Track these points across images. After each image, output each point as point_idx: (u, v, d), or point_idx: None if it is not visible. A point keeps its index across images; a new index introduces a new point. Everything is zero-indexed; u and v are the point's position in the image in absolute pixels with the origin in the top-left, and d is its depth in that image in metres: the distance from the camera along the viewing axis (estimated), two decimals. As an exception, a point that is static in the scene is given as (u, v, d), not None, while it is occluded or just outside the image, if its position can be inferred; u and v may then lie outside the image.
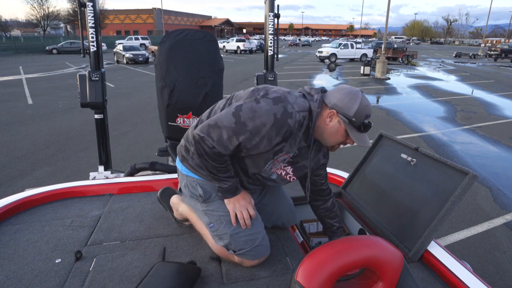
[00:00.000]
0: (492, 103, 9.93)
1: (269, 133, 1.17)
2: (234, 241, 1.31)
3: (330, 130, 1.26)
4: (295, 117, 1.18)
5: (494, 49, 32.74)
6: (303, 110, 1.22)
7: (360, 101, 1.22)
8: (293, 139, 1.26)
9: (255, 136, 1.18)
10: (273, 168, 1.34)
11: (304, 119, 1.23)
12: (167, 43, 2.17)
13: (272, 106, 1.17)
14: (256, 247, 1.32)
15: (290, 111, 1.18)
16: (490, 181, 4.46)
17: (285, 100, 1.19)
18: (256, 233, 1.35)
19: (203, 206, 1.39)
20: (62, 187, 1.86)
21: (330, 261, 0.85)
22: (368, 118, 1.24)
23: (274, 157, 1.29)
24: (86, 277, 1.23)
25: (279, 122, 1.16)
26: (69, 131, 6.29)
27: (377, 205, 1.66)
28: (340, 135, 1.27)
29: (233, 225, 1.34)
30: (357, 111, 1.21)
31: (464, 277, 1.18)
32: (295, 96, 1.24)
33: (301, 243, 1.64)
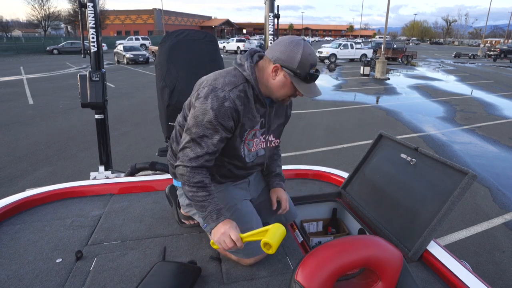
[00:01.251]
0: (491, 103, 9.93)
1: (219, 124, 1.21)
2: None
3: (277, 85, 1.25)
4: (230, 97, 1.20)
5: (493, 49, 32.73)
6: (237, 84, 1.24)
7: (302, 51, 1.19)
8: (249, 113, 1.27)
9: (212, 135, 1.22)
10: (251, 148, 1.35)
11: (243, 92, 1.24)
12: (168, 43, 2.17)
13: (206, 102, 1.20)
14: (248, 245, 1.29)
15: (222, 95, 1.20)
16: (489, 181, 4.46)
17: (213, 89, 1.21)
18: (248, 229, 1.32)
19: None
20: (62, 187, 1.86)
21: (330, 260, 0.85)
22: (313, 67, 1.22)
23: (242, 139, 1.31)
24: (86, 277, 1.24)
25: (219, 111, 1.19)
26: (69, 131, 6.29)
27: (377, 205, 1.66)
28: (287, 88, 1.26)
29: None
30: (301, 61, 1.19)
31: (463, 276, 1.18)
32: (223, 77, 1.25)
33: (301, 243, 1.64)
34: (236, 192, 1.45)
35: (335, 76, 15.98)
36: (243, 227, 1.33)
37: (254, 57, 1.31)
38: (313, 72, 1.22)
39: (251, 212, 1.42)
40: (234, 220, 1.32)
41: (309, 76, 1.22)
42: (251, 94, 1.26)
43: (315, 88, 1.26)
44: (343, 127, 6.93)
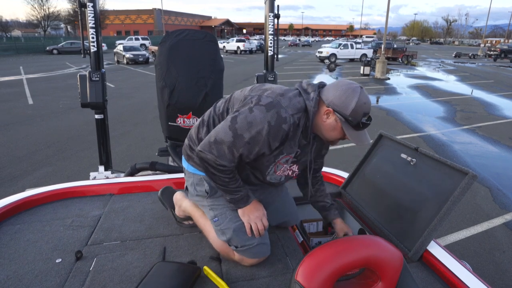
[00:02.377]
0: (491, 103, 9.93)
1: (266, 140, 1.19)
2: (237, 236, 1.32)
3: (327, 127, 1.26)
4: (289, 121, 1.19)
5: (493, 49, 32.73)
6: (298, 111, 1.22)
7: (357, 99, 1.19)
8: (292, 140, 1.26)
9: (254, 145, 1.20)
10: (278, 171, 1.35)
11: (299, 120, 1.23)
12: (168, 43, 2.17)
13: (266, 114, 1.17)
14: (258, 245, 1.32)
15: (284, 116, 1.18)
16: (489, 181, 4.46)
17: (277, 105, 1.19)
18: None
19: (209, 201, 1.41)
20: (62, 187, 1.86)
21: (330, 261, 0.85)
22: (366, 116, 1.22)
23: (276, 160, 1.30)
24: (86, 277, 1.24)
25: (274, 129, 1.17)
26: (69, 131, 6.29)
27: (377, 205, 1.66)
28: (337, 132, 1.27)
29: (238, 220, 1.35)
30: (354, 109, 1.19)
31: (463, 276, 1.18)
32: (289, 97, 1.24)
33: (301, 243, 1.64)
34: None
35: (335, 76, 15.99)
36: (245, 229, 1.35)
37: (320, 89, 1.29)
38: (365, 121, 1.22)
39: None
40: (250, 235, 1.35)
41: (361, 124, 1.22)
42: (302, 124, 1.25)
43: (364, 136, 1.26)
44: (343, 127, 6.92)
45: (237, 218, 1.36)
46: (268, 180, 1.38)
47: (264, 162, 1.30)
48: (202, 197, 1.42)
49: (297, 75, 15.47)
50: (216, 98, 2.24)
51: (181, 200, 1.58)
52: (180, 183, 1.97)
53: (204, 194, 1.40)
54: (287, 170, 1.38)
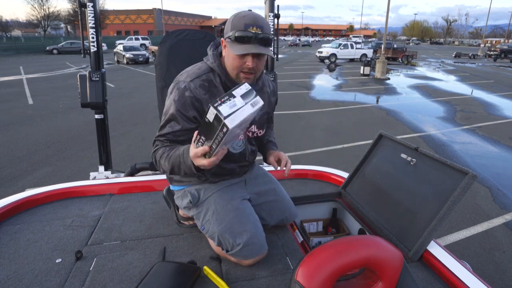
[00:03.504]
0: (491, 103, 9.93)
1: (181, 114, 1.24)
2: (223, 240, 1.30)
3: (227, 60, 1.26)
4: (190, 86, 1.23)
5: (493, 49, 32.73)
6: (200, 75, 1.26)
7: (235, 16, 1.19)
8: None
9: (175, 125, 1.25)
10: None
11: (208, 81, 1.26)
12: (168, 43, 2.17)
13: (170, 96, 1.27)
14: (246, 246, 1.28)
15: (182, 86, 1.24)
16: (489, 181, 4.46)
17: (177, 83, 1.26)
18: (246, 229, 1.31)
19: (194, 211, 1.43)
20: (62, 187, 1.86)
21: (330, 261, 0.85)
22: (250, 27, 1.16)
23: None
24: (86, 277, 1.24)
25: (179, 101, 1.23)
26: (69, 131, 6.29)
27: (377, 205, 1.66)
28: (231, 58, 1.22)
29: (221, 223, 1.32)
30: (233, 24, 1.18)
31: (463, 277, 1.18)
32: (187, 70, 1.30)
33: (301, 243, 1.64)
34: (233, 192, 1.43)
35: (335, 76, 15.99)
36: (241, 228, 1.32)
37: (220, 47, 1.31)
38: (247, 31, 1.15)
39: (245, 212, 1.37)
40: (233, 220, 1.32)
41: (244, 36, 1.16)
42: (218, 82, 1.27)
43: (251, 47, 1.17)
44: (343, 127, 6.92)
45: (219, 221, 1.33)
46: (233, 152, 1.37)
47: None
48: (188, 209, 1.45)
49: (297, 75, 15.47)
50: (216, 98, 2.24)
51: None
52: None
53: (189, 204, 1.42)
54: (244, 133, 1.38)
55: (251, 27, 1.17)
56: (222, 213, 1.34)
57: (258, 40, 1.18)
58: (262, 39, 1.18)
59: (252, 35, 1.17)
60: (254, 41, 1.18)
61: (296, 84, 12.61)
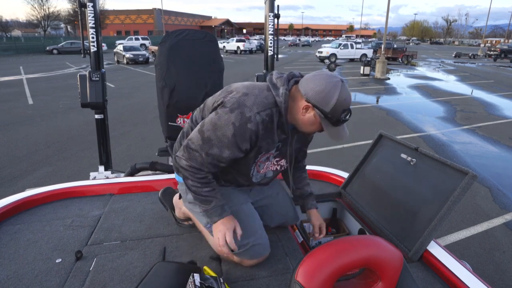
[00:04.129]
0: (491, 103, 9.93)
1: (234, 142, 1.16)
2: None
3: (306, 122, 1.22)
4: (255, 120, 1.16)
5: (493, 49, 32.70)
6: (266, 108, 1.18)
7: (338, 96, 1.14)
8: (269, 137, 1.23)
9: (223, 148, 1.18)
10: (261, 170, 1.34)
11: (270, 117, 1.20)
12: (168, 43, 2.17)
13: (230, 115, 1.15)
14: (253, 246, 1.31)
15: (248, 115, 1.15)
16: (489, 181, 4.46)
17: (242, 105, 1.16)
18: (253, 232, 1.35)
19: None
20: (62, 187, 1.86)
21: (330, 261, 0.85)
22: (345, 112, 1.17)
23: (255, 160, 1.28)
24: (86, 277, 1.24)
25: (239, 130, 1.15)
26: (69, 131, 6.29)
27: (377, 205, 1.66)
28: (316, 127, 1.23)
29: None
30: (334, 107, 1.14)
31: (463, 277, 1.18)
32: (255, 94, 1.20)
33: (301, 243, 1.64)
34: (238, 195, 1.45)
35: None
36: (249, 229, 1.34)
37: (291, 82, 1.24)
38: (344, 117, 1.18)
39: (253, 215, 1.42)
40: (241, 221, 1.33)
41: (340, 120, 1.18)
42: (276, 120, 1.22)
43: (343, 131, 1.23)
44: (343, 127, 6.91)
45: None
46: (255, 181, 1.37)
47: (245, 165, 1.28)
48: (194, 204, 1.42)
49: (297, 75, 15.45)
50: (216, 98, 2.23)
51: (181, 203, 1.58)
52: (175, 183, 1.97)
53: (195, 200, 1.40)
54: (274, 165, 1.37)
55: (347, 112, 1.18)
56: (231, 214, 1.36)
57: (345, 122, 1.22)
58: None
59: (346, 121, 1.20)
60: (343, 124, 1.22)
61: (296, 84, 12.60)
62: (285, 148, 1.34)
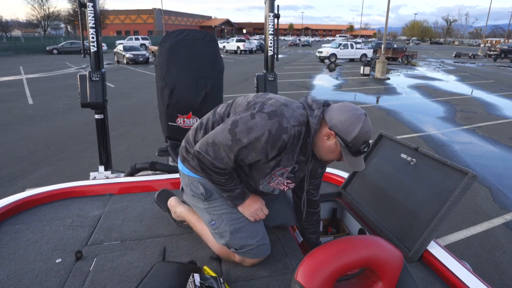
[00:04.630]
0: (491, 103, 9.93)
1: (265, 148, 1.18)
2: (235, 239, 1.33)
3: (327, 149, 1.25)
4: (290, 132, 1.18)
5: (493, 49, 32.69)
6: (300, 124, 1.21)
7: (360, 128, 1.18)
8: (290, 153, 1.25)
9: (251, 151, 1.20)
10: (272, 183, 1.35)
11: (300, 134, 1.22)
12: (168, 43, 2.17)
13: (267, 121, 1.17)
14: (258, 246, 1.33)
15: (286, 126, 1.17)
16: (490, 181, 4.46)
17: (280, 114, 1.18)
18: (257, 231, 1.37)
19: (205, 204, 1.40)
20: (62, 187, 1.86)
21: (330, 261, 0.85)
22: (365, 144, 1.22)
23: (272, 172, 1.30)
24: (86, 277, 1.24)
25: (273, 137, 1.16)
26: (69, 131, 6.29)
27: (377, 205, 1.66)
28: (335, 155, 1.27)
29: (234, 223, 1.35)
30: (356, 137, 1.18)
31: (463, 277, 1.18)
32: (292, 108, 1.22)
33: (301, 243, 1.64)
34: None
35: (335, 76, 15.99)
36: (254, 230, 1.36)
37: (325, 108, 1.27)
38: (364, 149, 1.22)
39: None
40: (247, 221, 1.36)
41: (360, 152, 1.22)
42: (303, 138, 1.25)
43: (360, 162, 1.26)
44: (343, 127, 6.91)
45: (234, 220, 1.36)
46: (261, 189, 1.38)
47: (260, 171, 1.30)
48: (198, 199, 1.41)
49: (297, 75, 15.47)
50: (216, 98, 2.23)
51: (176, 206, 1.59)
52: (173, 184, 1.97)
53: (199, 196, 1.40)
54: (282, 185, 1.39)
55: (366, 144, 1.22)
56: (237, 213, 1.38)
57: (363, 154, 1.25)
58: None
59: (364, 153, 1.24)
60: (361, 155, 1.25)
61: (296, 84, 12.61)
62: (300, 171, 1.36)
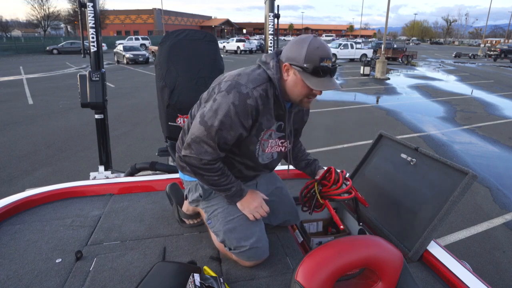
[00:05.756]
0: (491, 103, 9.93)
1: (238, 120, 1.18)
2: (228, 239, 1.33)
3: (292, 84, 1.23)
4: (253, 95, 1.18)
5: (493, 49, 32.69)
6: (261, 83, 1.21)
7: (308, 46, 1.16)
8: (267, 113, 1.25)
9: (229, 130, 1.19)
10: (266, 149, 1.34)
11: (266, 91, 1.22)
12: (168, 43, 2.17)
13: (227, 97, 1.17)
14: (250, 249, 1.30)
15: (245, 91, 1.18)
16: (490, 181, 4.46)
17: (236, 84, 1.19)
18: (252, 232, 1.34)
19: (203, 204, 1.42)
20: (62, 187, 1.86)
21: (330, 261, 0.85)
22: (325, 60, 1.17)
23: (259, 139, 1.29)
24: (86, 277, 1.24)
25: (239, 107, 1.17)
26: (69, 131, 6.29)
27: (377, 205, 1.66)
28: (300, 86, 1.22)
29: (228, 222, 1.34)
30: (307, 55, 1.15)
31: (463, 276, 1.18)
32: (247, 73, 1.23)
33: (301, 243, 1.64)
34: None
35: (335, 76, 15.95)
36: (248, 231, 1.34)
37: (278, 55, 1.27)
38: (324, 65, 1.16)
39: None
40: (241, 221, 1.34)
41: (320, 70, 1.16)
42: (272, 94, 1.24)
43: (328, 82, 1.18)
44: (343, 127, 6.92)
45: (227, 219, 1.35)
46: (261, 162, 1.37)
47: (249, 145, 1.29)
48: (197, 201, 1.44)
49: (297, 75, 15.46)
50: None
51: None
52: (179, 182, 1.96)
53: (198, 198, 1.41)
54: (277, 146, 1.38)
55: (325, 60, 1.17)
56: (231, 213, 1.36)
57: (330, 73, 1.20)
58: (333, 72, 1.20)
59: (328, 69, 1.18)
60: (327, 75, 1.19)
61: (296, 84, 12.60)
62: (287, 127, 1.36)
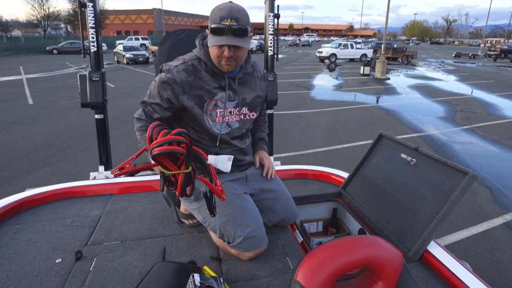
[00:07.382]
0: (491, 103, 9.93)
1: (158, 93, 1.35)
2: (225, 232, 1.33)
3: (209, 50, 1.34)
4: (173, 70, 1.33)
5: (493, 49, 32.68)
6: (186, 61, 1.36)
7: (214, 8, 1.26)
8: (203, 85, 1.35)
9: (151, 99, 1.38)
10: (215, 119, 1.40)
11: (193, 66, 1.35)
12: (167, 43, 2.17)
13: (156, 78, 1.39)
14: (247, 238, 1.31)
15: (167, 68, 1.34)
16: (490, 181, 4.46)
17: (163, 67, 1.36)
18: (246, 223, 1.34)
19: (195, 204, 1.44)
20: (62, 187, 1.86)
21: (330, 261, 0.85)
22: (225, 19, 1.23)
23: (203, 110, 1.37)
24: (86, 277, 1.24)
25: (160, 80, 1.35)
26: (69, 131, 6.29)
27: (377, 205, 1.66)
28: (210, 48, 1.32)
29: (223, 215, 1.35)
30: (211, 16, 1.26)
31: (463, 277, 1.18)
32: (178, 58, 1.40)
33: (301, 243, 1.64)
34: (234, 186, 1.46)
35: (335, 76, 15.98)
36: (243, 221, 1.34)
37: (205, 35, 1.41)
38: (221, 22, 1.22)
39: (245, 206, 1.41)
40: (234, 213, 1.35)
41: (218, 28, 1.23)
42: (203, 67, 1.36)
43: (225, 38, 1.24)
44: (343, 127, 6.92)
45: (221, 214, 1.36)
46: (217, 131, 1.41)
47: (197, 117, 1.37)
48: (190, 201, 1.46)
49: (297, 75, 15.47)
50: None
51: None
52: None
53: (191, 198, 1.43)
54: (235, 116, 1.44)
55: (225, 19, 1.23)
56: (224, 206, 1.36)
57: (232, 31, 1.24)
58: (236, 30, 1.24)
59: (225, 27, 1.23)
60: (228, 33, 1.24)
61: (296, 84, 12.60)
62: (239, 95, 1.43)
